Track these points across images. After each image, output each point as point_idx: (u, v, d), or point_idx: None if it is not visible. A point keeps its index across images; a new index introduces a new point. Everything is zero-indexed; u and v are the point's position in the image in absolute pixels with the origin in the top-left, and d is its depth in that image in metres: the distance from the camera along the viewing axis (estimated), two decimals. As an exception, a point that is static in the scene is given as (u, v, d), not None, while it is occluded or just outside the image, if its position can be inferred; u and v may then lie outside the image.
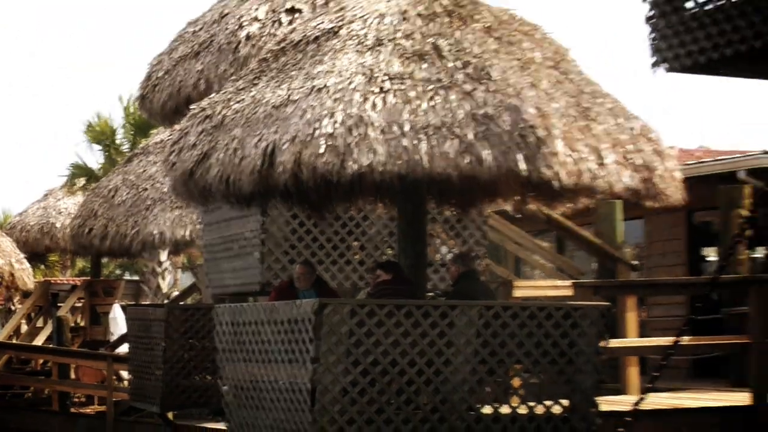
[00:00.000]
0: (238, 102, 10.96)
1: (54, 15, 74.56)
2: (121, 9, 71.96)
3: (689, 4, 8.83)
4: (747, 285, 14.25)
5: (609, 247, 17.72)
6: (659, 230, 21.24)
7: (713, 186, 17.50)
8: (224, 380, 11.65)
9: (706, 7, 8.67)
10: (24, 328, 26.92)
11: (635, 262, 19.06)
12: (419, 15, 10.96)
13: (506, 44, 10.86)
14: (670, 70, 9.20)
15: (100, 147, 38.85)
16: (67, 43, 76.02)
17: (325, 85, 10.35)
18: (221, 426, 12.27)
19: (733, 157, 19.98)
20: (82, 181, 33.76)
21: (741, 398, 13.43)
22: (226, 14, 14.78)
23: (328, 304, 10.22)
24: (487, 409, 10.55)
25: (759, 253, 19.29)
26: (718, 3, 8.59)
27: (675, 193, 10.90)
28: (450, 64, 10.49)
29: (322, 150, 9.82)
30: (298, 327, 10.26)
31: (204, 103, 11.55)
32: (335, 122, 9.95)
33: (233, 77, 12.15)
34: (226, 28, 14.49)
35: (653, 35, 9.15)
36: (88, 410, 22.59)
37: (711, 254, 20.26)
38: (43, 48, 72.21)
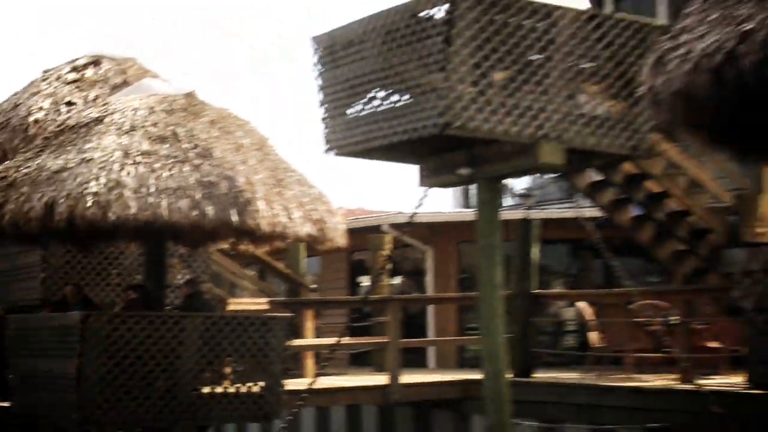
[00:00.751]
0: (27, 168, 10.58)
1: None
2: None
3: (350, 111, 9.05)
4: (387, 302, 14.61)
5: (295, 276, 17.82)
6: (330, 264, 21.52)
7: (366, 234, 17.87)
8: (13, 370, 11.18)
9: (361, 114, 8.91)
10: None
11: (313, 286, 19.25)
12: (163, 110, 10.85)
13: (225, 133, 10.86)
14: (338, 154, 9.37)
15: None
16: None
17: (92, 158, 10.14)
18: (6, 404, 11.65)
19: (380, 215, 20.47)
20: None
21: (381, 379, 13.74)
22: (20, 104, 14.20)
23: (91, 314, 10.03)
24: (206, 389, 10.46)
25: (396, 280, 19.82)
26: (369, 111, 8.83)
27: (340, 239, 11.10)
28: (184, 146, 10.42)
29: (89, 204, 9.62)
30: (68, 331, 9.99)
31: (0, 168, 11.11)
32: (100, 184, 9.77)
33: (23, 149, 11.72)
34: (19, 114, 13.95)
35: (326, 131, 9.32)
36: None
37: (364, 281, 20.65)
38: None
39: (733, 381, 11.40)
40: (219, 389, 10.50)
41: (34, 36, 59.78)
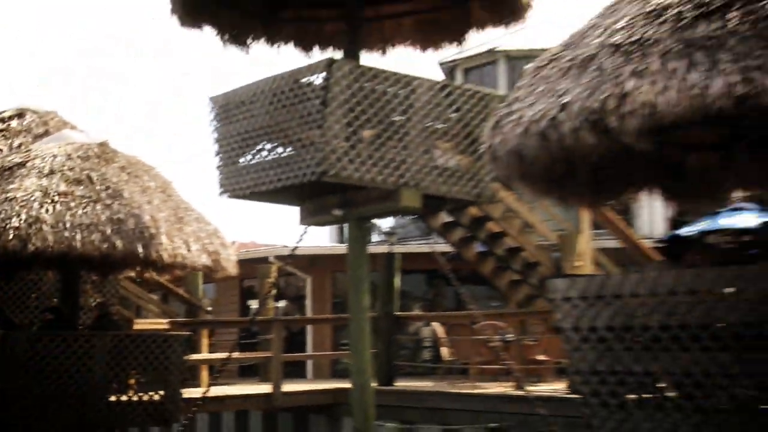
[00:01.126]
0: (-45, 204, 10.14)
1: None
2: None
3: (241, 160, 9.00)
4: (272, 322, 14.48)
5: (193, 299, 17.49)
6: (224, 290, 21.24)
7: (255, 264, 17.72)
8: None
9: (251, 163, 8.87)
10: None
11: (209, 309, 18.89)
12: (79, 156, 10.58)
13: (133, 177, 10.65)
14: (230, 197, 9.29)
15: None
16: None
17: (15, 197, 9.81)
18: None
19: (267, 248, 20.36)
20: None
21: (266, 388, 13.58)
22: (-51, 149, 13.62)
23: (11, 333, 9.64)
24: (113, 398, 10.15)
25: (280, 304, 19.67)
26: (257, 161, 8.81)
27: (232, 268, 10.98)
28: (97, 187, 10.18)
29: (11, 237, 9.30)
30: (-10, 349, 9.57)
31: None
32: (21, 220, 9.47)
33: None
34: (-52, 159, 13.34)
35: (220, 177, 9.24)
36: None
37: (253, 304, 20.43)
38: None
39: (557, 387, 11.69)
40: (125, 398, 10.21)
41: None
